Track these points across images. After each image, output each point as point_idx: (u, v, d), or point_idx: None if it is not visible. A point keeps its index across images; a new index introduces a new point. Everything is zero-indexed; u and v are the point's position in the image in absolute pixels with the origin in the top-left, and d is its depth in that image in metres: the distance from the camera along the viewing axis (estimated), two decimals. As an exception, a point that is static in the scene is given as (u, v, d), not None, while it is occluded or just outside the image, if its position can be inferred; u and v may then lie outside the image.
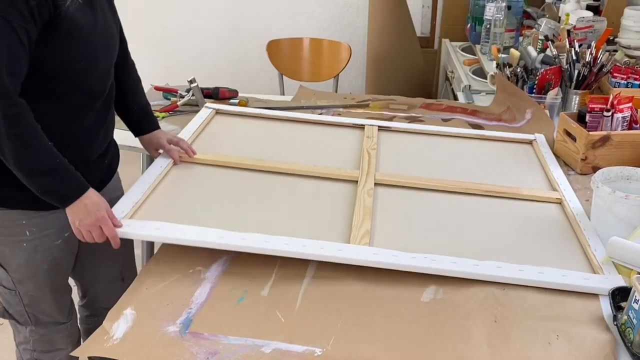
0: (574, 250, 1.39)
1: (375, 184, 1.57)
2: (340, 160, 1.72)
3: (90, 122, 1.40)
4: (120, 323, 1.14)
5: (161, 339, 1.10)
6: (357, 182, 1.58)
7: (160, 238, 1.31)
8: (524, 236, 1.43)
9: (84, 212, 1.28)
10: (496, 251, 1.36)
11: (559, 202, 1.57)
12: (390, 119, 2.12)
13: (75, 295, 1.67)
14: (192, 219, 1.36)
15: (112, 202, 1.39)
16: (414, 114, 2.18)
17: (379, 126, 1.95)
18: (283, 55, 3.32)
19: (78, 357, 1.64)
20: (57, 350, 1.59)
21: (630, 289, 1.14)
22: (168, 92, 2.27)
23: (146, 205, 1.43)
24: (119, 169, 1.62)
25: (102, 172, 1.51)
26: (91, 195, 1.30)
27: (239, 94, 2.28)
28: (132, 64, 1.61)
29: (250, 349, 1.09)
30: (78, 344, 1.65)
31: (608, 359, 1.08)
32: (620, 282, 1.25)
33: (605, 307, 1.20)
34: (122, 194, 1.58)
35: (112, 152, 1.56)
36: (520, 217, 1.50)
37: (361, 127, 1.95)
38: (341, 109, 2.21)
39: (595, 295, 1.24)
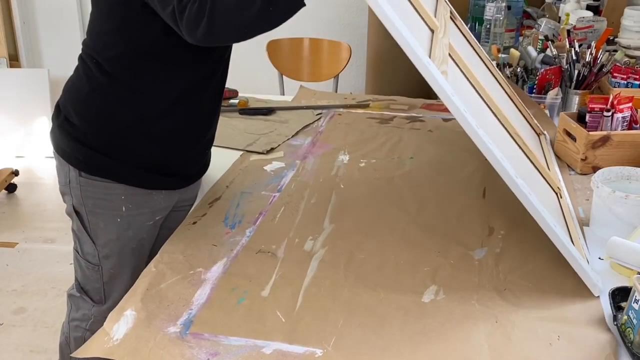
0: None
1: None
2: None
3: (207, 102, 1.45)
4: (120, 324, 1.14)
5: (161, 340, 1.10)
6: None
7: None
8: None
9: None
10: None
11: (559, 192, 1.56)
12: (391, 119, 2.12)
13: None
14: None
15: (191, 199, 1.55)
16: (414, 114, 2.18)
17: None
18: (283, 55, 3.32)
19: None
20: None
21: (630, 289, 1.14)
22: (168, 92, 2.27)
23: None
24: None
25: (199, 167, 1.57)
26: None
27: (239, 94, 2.28)
28: None
29: (250, 349, 1.08)
30: None
31: (609, 359, 1.08)
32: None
33: (606, 307, 1.20)
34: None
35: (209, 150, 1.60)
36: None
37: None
38: (341, 109, 2.21)
39: (595, 296, 1.24)
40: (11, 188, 3.50)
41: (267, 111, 2.16)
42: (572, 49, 2.18)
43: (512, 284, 1.26)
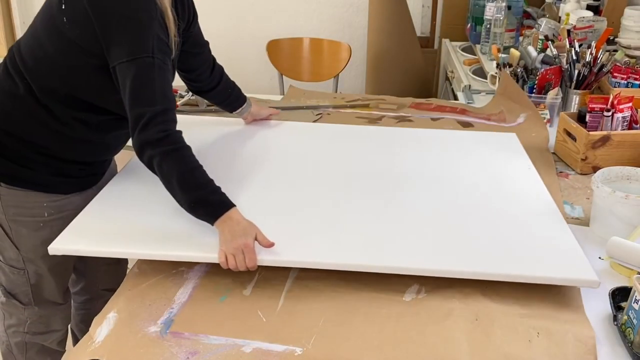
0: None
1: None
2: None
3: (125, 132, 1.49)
4: (103, 327, 1.14)
5: (141, 339, 1.10)
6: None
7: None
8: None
9: (233, 231, 1.23)
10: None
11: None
12: (380, 118, 2.12)
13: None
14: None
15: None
16: (403, 114, 2.18)
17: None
18: (283, 55, 3.32)
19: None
20: (52, 332, 1.61)
21: (630, 289, 1.14)
22: (168, 92, 2.27)
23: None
24: (118, 168, 1.67)
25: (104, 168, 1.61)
26: (238, 215, 1.27)
27: (239, 94, 2.28)
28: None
29: (230, 348, 1.09)
30: (67, 326, 1.68)
31: (588, 355, 1.08)
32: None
33: (601, 305, 1.21)
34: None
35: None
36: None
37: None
38: (330, 109, 2.21)
39: (577, 291, 1.24)
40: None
41: (267, 111, 2.16)
42: (572, 48, 2.18)
43: (494, 282, 1.25)
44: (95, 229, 1.33)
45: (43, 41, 1.34)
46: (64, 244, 1.29)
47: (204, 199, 1.26)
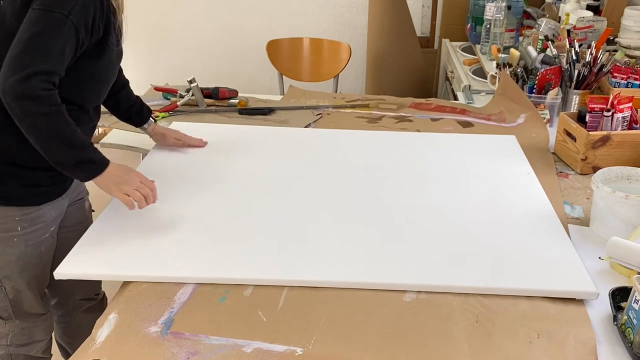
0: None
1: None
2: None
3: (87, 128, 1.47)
4: (104, 328, 1.14)
5: (142, 340, 1.10)
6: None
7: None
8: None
9: (119, 176, 1.35)
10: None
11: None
12: (379, 118, 2.12)
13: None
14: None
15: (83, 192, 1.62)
16: (403, 114, 2.18)
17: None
18: (283, 55, 3.31)
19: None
20: (35, 343, 1.59)
21: (630, 289, 1.14)
22: (168, 92, 2.27)
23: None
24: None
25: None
26: (114, 165, 1.36)
27: (239, 94, 2.28)
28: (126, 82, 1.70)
29: (231, 348, 1.09)
30: (51, 333, 1.66)
31: (589, 356, 1.08)
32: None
33: (587, 302, 1.22)
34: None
35: None
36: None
37: None
38: (330, 109, 2.20)
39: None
40: None
41: (267, 111, 2.16)
42: (572, 49, 2.18)
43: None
44: (99, 252, 1.33)
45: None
46: (69, 269, 1.28)
47: (89, 158, 1.31)
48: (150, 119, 1.75)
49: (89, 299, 1.74)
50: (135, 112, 1.71)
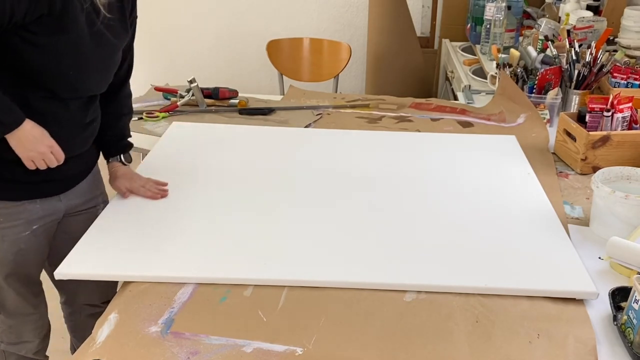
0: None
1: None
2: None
3: (65, 125, 1.39)
4: (104, 328, 1.14)
5: (142, 340, 1.10)
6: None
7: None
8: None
9: (30, 142, 1.28)
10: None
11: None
12: (379, 118, 2.12)
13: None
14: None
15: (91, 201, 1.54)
16: (403, 114, 2.18)
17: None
18: (283, 55, 3.31)
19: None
20: (24, 343, 1.58)
21: (630, 289, 1.14)
22: (168, 92, 2.27)
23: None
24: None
25: (76, 171, 1.50)
26: (30, 125, 1.28)
27: (239, 94, 2.28)
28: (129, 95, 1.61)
29: (231, 348, 1.09)
30: (47, 337, 1.65)
31: (589, 356, 1.08)
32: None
33: (587, 302, 1.22)
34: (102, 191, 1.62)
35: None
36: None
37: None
38: (330, 109, 2.20)
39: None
40: None
41: (267, 111, 2.16)
42: (572, 49, 2.18)
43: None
44: (100, 252, 1.33)
45: None
46: (69, 269, 1.28)
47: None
48: (122, 158, 1.59)
49: (93, 306, 1.71)
50: (106, 141, 1.56)
